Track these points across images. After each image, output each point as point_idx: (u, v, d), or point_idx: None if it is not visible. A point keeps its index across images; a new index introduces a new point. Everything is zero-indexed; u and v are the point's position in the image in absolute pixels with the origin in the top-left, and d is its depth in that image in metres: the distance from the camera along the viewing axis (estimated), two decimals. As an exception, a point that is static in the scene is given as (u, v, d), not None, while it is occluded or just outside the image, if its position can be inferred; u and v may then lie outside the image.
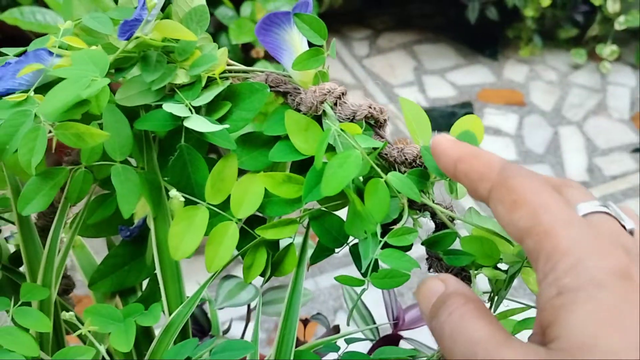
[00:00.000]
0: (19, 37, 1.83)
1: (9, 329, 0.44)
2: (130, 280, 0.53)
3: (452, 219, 0.47)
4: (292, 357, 0.48)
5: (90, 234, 0.51)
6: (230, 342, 0.44)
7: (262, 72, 0.50)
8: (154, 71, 0.47)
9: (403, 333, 0.73)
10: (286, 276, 0.51)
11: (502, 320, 0.56)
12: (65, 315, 0.47)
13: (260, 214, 0.49)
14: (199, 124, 0.45)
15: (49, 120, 0.41)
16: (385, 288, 0.42)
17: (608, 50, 2.66)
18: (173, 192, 0.46)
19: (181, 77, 0.48)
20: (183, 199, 0.47)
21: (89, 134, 0.41)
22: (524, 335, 0.53)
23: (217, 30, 1.85)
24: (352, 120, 0.47)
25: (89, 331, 0.46)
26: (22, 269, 0.56)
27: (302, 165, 0.48)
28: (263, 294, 0.78)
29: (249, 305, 0.80)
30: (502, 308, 0.51)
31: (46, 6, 1.58)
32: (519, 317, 0.57)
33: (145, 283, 0.57)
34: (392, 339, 0.68)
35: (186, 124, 0.45)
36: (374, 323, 0.73)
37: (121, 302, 0.55)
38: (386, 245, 0.44)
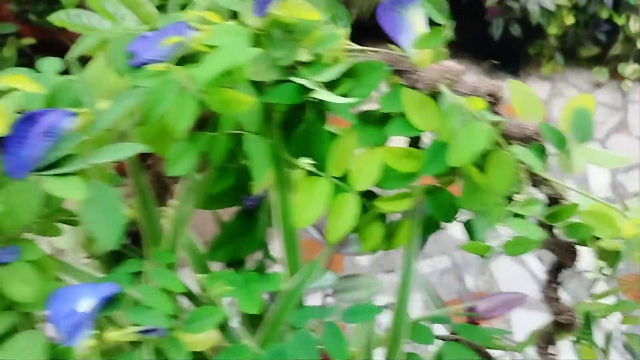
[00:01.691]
0: (53, 43, 1.87)
1: (149, 288, 0.45)
2: (243, 252, 0.55)
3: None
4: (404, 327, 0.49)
5: (210, 206, 0.53)
6: (358, 305, 0.46)
7: (377, 51, 0.52)
8: (279, 48, 0.49)
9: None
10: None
11: (597, 299, 0.58)
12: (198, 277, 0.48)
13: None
14: (328, 96, 0.47)
15: (197, 87, 0.43)
16: (516, 254, 0.44)
17: (630, 69, 2.69)
18: (301, 162, 0.48)
19: (303, 55, 0.50)
20: (307, 169, 0.48)
21: (236, 100, 0.43)
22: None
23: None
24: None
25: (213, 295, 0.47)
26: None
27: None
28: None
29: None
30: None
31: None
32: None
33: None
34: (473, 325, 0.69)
35: (316, 96, 0.47)
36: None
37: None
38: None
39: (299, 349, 0.44)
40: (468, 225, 0.51)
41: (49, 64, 0.51)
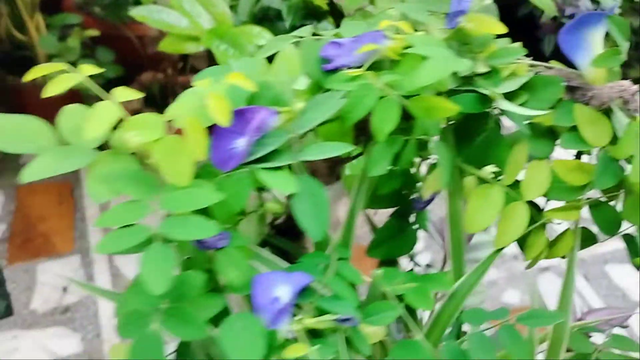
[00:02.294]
0: (114, 35, 1.92)
1: (337, 280, 0.48)
2: (398, 251, 0.58)
3: None
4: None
5: (375, 205, 0.56)
6: (536, 310, 0.48)
7: (550, 67, 0.54)
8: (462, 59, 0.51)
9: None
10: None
11: None
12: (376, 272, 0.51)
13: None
14: (511, 107, 0.49)
15: (403, 93, 0.46)
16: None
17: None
18: (482, 170, 0.50)
19: (481, 66, 0.53)
20: (481, 176, 0.51)
21: (439, 107, 0.45)
22: None
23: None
24: (645, 116, 0.51)
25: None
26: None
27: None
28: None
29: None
30: None
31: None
32: None
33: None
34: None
35: (500, 106, 0.49)
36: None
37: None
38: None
39: (478, 350, 0.46)
40: (628, 239, 0.53)
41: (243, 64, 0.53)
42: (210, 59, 1.73)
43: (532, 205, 0.53)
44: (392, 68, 0.49)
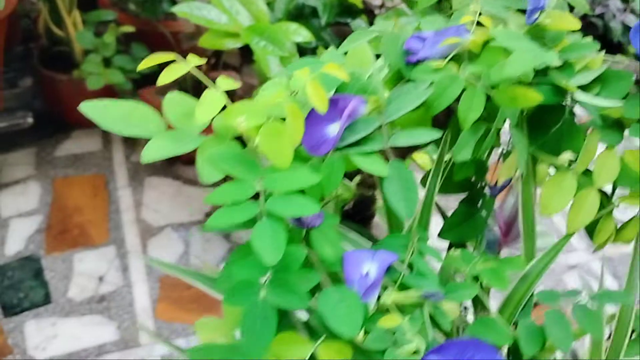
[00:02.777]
0: (149, 32, 1.96)
1: (420, 258, 0.51)
2: (467, 236, 0.60)
3: None
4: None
5: (449, 190, 0.59)
6: (608, 291, 0.51)
7: (619, 62, 0.57)
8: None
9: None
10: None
11: None
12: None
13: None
14: (589, 98, 0.52)
15: (488, 83, 0.49)
16: None
17: None
18: (561, 158, 0.53)
19: (555, 60, 0.55)
20: (556, 164, 0.54)
21: (524, 97, 0.48)
22: None
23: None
24: None
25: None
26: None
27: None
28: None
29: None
30: None
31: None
32: None
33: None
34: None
35: (578, 97, 0.52)
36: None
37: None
38: None
39: (555, 325, 0.49)
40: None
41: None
42: (242, 56, 1.77)
43: (602, 193, 0.56)
44: (472, 60, 0.52)
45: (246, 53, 1.59)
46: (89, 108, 0.47)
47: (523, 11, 0.56)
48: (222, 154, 0.46)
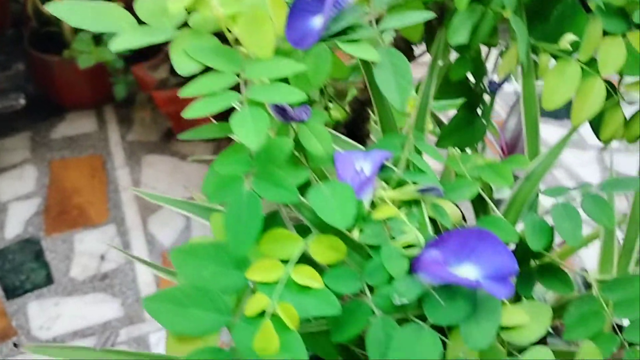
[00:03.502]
0: None
1: (417, 156, 0.48)
2: (466, 143, 0.57)
3: None
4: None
5: (446, 95, 0.56)
6: (616, 178, 0.48)
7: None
8: None
9: None
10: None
11: None
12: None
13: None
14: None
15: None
16: None
17: None
18: (561, 42, 0.49)
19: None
20: (556, 53, 0.50)
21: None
22: None
23: None
24: None
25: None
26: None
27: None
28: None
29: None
30: None
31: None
32: None
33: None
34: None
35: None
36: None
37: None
38: None
39: (563, 219, 0.46)
40: None
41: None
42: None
43: (608, 84, 0.53)
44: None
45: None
46: (55, 8, 0.44)
47: None
48: (199, 46, 0.43)
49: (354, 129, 0.62)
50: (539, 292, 0.64)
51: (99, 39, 1.87)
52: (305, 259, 0.42)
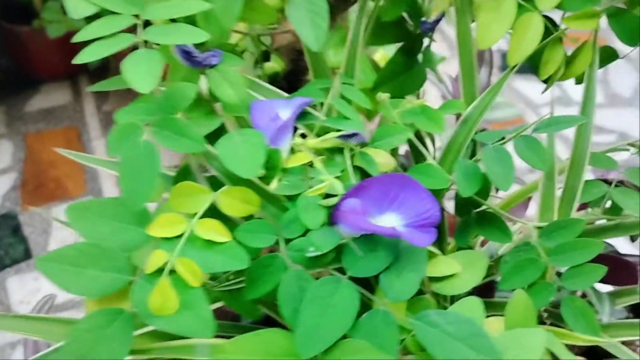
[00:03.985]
0: None
1: (342, 101, 0.45)
2: (405, 89, 0.54)
3: None
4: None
5: (381, 41, 0.52)
6: (557, 116, 0.45)
7: None
8: None
9: None
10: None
11: None
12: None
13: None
14: None
15: None
16: None
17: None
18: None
19: None
20: (493, -14, 0.47)
21: None
22: None
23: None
24: None
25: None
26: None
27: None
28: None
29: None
30: None
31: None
32: None
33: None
34: None
35: None
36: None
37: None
38: None
39: (494, 162, 0.43)
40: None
41: None
42: None
43: (548, 19, 0.49)
44: None
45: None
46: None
47: None
48: (93, -14, 0.40)
49: (293, 80, 0.59)
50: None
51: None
52: (220, 214, 0.39)
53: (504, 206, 0.52)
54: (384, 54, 0.66)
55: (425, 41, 0.55)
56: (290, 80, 0.59)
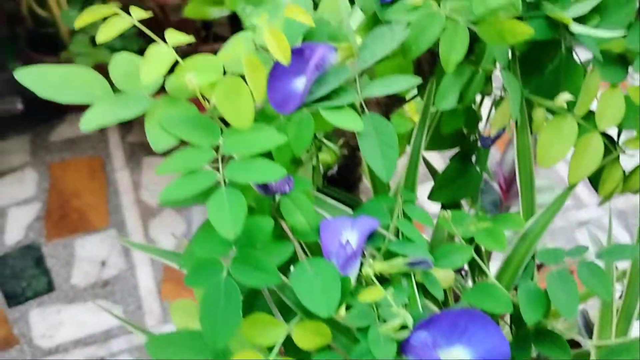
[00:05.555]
0: (135, 6, 1.89)
1: (406, 222, 0.46)
2: (461, 194, 0.55)
3: None
4: None
5: (437, 146, 0.53)
6: (616, 245, 0.46)
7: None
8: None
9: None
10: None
11: None
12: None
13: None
14: (586, 30, 0.46)
15: (471, 18, 0.43)
16: None
17: None
18: (558, 100, 0.47)
19: (547, -9, 0.49)
20: (552, 108, 0.48)
21: (512, 30, 0.42)
22: None
23: None
24: None
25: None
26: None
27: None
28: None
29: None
30: None
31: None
32: None
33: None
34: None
35: (574, 29, 0.46)
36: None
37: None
38: None
39: (559, 288, 0.44)
40: None
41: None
42: (233, 27, 1.70)
43: (606, 137, 0.50)
44: (454, -5, 0.46)
45: (236, 22, 1.53)
46: (22, 75, 0.42)
47: None
48: (174, 117, 0.41)
49: (346, 172, 0.60)
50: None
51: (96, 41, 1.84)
52: (292, 343, 0.40)
53: (556, 313, 0.53)
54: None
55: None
56: (343, 173, 0.60)
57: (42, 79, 0.41)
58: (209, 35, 1.91)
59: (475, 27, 0.43)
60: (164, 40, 0.41)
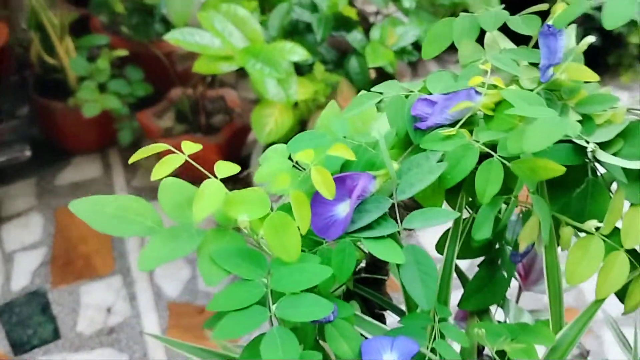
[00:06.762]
0: (143, 55, 1.92)
1: (445, 344, 0.47)
2: (489, 301, 0.57)
3: None
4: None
5: (467, 255, 0.55)
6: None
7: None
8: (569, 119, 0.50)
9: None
10: None
11: None
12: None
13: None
14: (611, 159, 0.48)
15: (505, 155, 0.45)
16: None
17: None
18: (587, 224, 0.49)
19: (573, 115, 0.52)
20: (579, 227, 0.50)
21: (544, 168, 0.45)
22: None
23: (344, 53, 1.86)
24: None
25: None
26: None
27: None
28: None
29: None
30: None
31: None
32: None
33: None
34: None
35: (600, 157, 0.48)
36: None
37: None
38: None
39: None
40: None
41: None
42: (237, 72, 1.73)
43: (631, 252, 0.52)
44: (485, 123, 0.49)
45: (241, 69, 1.56)
46: (78, 208, 0.44)
47: (535, 64, 0.52)
48: (224, 252, 0.43)
49: (374, 269, 0.62)
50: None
51: (103, 87, 1.87)
52: None
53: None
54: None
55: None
56: (371, 268, 0.62)
57: (98, 213, 0.43)
58: (215, 82, 1.94)
59: (509, 163, 0.45)
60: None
